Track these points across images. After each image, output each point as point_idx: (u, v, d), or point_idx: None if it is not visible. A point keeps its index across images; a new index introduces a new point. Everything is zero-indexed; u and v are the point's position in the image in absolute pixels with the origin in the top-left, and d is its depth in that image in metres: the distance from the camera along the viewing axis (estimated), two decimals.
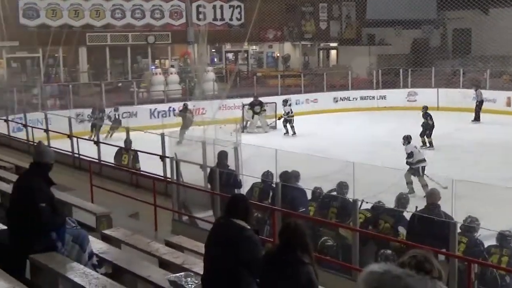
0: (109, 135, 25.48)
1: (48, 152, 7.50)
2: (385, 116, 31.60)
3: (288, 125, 28.22)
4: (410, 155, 17.57)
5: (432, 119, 24.42)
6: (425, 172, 17.02)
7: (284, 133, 28.11)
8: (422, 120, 24.34)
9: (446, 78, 36.22)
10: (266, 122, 29.59)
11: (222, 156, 12.45)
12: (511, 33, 33.33)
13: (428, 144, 23.85)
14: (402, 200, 10.69)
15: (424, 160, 17.51)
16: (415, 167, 17.29)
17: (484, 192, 12.32)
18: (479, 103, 31.02)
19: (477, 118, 30.84)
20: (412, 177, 17.14)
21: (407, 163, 17.34)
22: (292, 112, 28.55)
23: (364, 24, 45.06)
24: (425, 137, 24.07)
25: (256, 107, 29.40)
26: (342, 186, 11.64)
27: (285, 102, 28.87)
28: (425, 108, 25.11)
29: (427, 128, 24.22)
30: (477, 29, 37.58)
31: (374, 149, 22.12)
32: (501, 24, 34.53)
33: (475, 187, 11.08)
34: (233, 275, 5.64)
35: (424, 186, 16.55)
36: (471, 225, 9.36)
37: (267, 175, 12.16)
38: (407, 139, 18.21)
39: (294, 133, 27.81)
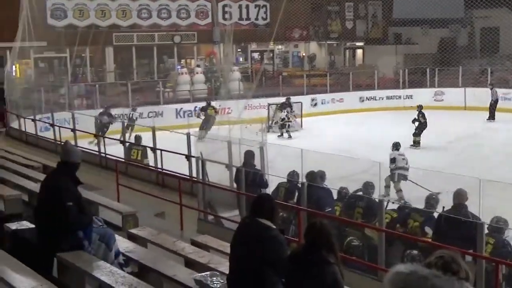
0: (128, 135, 25.44)
1: (75, 151, 7.56)
2: (411, 116, 31.36)
3: (284, 130, 28.27)
4: (392, 160, 17.73)
5: (424, 117, 24.79)
6: (414, 180, 17.03)
7: (278, 136, 27.96)
8: (424, 118, 24.81)
9: (473, 78, 35.90)
10: (294, 117, 29.68)
11: (249, 155, 12.44)
12: None
13: (416, 144, 24.21)
14: (431, 201, 10.58)
15: (404, 168, 17.57)
16: (393, 173, 17.49)
17: None
18: (494, 102, 31.21)
19: (492, 117, 30.94)
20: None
21: (390, 169, 17.55)
22: (288, 118, 28.59)
23: (390, 23, 44.87)
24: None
25: (287, 109, 29.48)
26: (368, 186, 11.61)
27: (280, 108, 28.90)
28: (420, 107, 25.48)
29: (419, 126, 24.68)
30: (505, 28, 37.21)
31: (401, 149, 21.97)
32: None
33: (502, 188, 10.97)
34: (258, 275, 5.64)
35: (398, 191, 17.02)
36: (498, 226, 9.26)
37: (292, 175, 12.14)
38: (395, 146, 18.32)
39: (290, 137, 27.76)
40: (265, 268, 5.64)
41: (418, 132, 24.55)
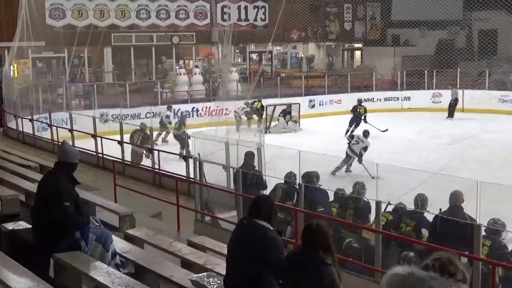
0: (164, 138, 25.23)
1: (72, 151, 7.54)
2: (409, 117, 31.43)
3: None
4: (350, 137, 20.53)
5: (355, 111, 27.85)
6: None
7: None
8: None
9: (471, 80, 35.95)
10: (294, 123, 29.90)
11: (249, 156, 12.45)
12: None
13: (349, 133, 25.88)
14: (420, 202, 10.53)
15: (350, 149, 19.71)
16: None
17: (511, 195, 12.18)
18: (454, 102, 32.60)
19: (450, 115, 32.24)
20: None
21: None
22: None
23: (389, 24, 44.83)
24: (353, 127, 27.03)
25: (287, 116, 29.75)
26: (359, 186, 11.56)
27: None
28: (359, 101, 28.57)
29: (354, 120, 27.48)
30: (504, 30, 37.24)
31: (398, 151, 22.02)
32: None
33: (501, 190, 10.96)
34: (255, 276, 5.63)
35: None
36: (495, 228, 9.26)
37: (290, 176, 12.12)
38: (363, 133, 20.57)
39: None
40: (262, 269, 5.63)
41: (354, 125, 27.07)
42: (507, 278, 8.88)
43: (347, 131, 26.85)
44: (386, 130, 25.40)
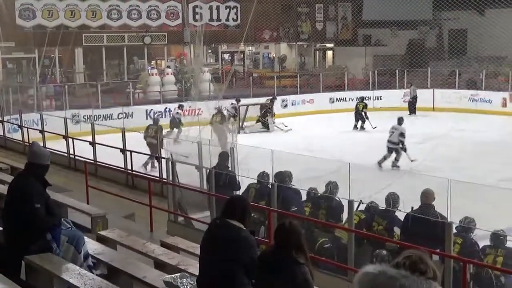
0: (176, 139, 24.93)
1: (42, 152, 7.47)
2: (381, 117, 31.57)
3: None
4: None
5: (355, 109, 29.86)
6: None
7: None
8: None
9: (442, 79, 36.27)
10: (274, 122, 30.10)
11: (223, 157, 12.44)
12: (507, 34, 33.41)
13: (359, 128, 29.39)
14: (391, 201, 10.59)
15: (389, 141, 20.82)
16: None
17: (480, 193, 12.32)
18: (413, 99, 33.64)
19: (412, 112, 33.29)
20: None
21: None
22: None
23: (360, 24, 45.04)
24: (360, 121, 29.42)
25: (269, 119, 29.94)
26: (331, 186, 11.60)
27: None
28: (360, 98, 30.71)
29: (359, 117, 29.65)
30: (473, 30, 37.62)
31: (370, 150, 22.10)
32: (497, 25, 34.58)
33: (471, 188, 11.08)
34: (228, 276, 5.63)
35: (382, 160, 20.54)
36: (466, 226, 9.35)
37: (262, 175, 12.13)
38: (398, 121, 21.41)
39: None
40: (235, 269, 5.63)
41: (361, 121, 29.43)
42: (478, 275, 8.99)
43: (355, 126, 29.54)
44: (375, 127, 26.15)
